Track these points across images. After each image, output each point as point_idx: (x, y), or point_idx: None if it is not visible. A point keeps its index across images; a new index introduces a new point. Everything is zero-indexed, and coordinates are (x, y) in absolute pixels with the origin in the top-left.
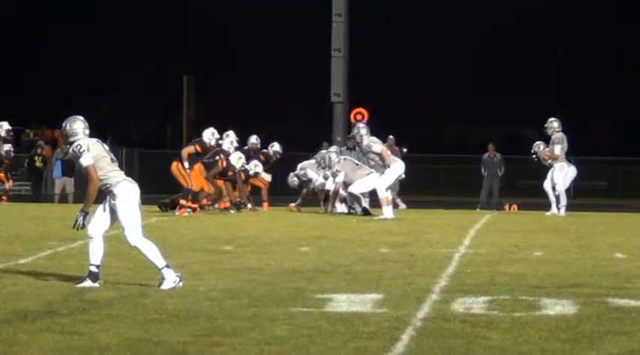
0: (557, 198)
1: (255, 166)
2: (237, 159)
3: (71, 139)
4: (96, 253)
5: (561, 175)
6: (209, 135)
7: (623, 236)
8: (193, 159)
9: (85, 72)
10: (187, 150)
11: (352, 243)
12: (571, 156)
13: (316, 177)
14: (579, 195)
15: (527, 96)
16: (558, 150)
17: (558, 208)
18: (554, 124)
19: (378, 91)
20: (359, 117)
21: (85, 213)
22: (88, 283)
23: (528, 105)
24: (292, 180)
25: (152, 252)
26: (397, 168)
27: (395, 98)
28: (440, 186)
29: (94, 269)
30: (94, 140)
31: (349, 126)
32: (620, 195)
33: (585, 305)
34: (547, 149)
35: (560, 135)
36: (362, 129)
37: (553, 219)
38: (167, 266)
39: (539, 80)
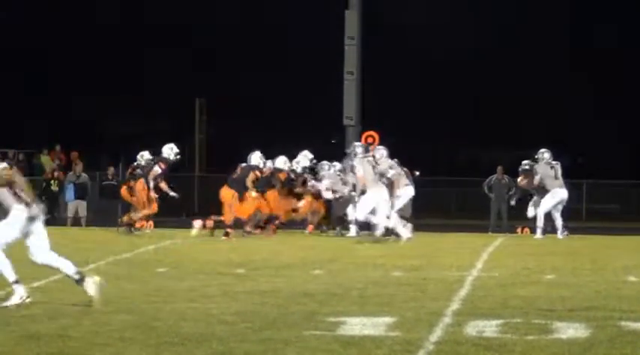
0: (555, 221)
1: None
2: (283, 163)
3: None
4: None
5: (553, 201)
6: (257, 158)
7: (636, 259)
8: (240, 185)
9: (96, 96)
10: (251, 178)
11: (364, 266)
12: (567, 179)
13: (325, 185)
14: (592, 219)
15: (541, 118)
16: (537, 180)
17: (536, 229)
18: (545, 155)
19: (390, 114)
20: (370, 140)
21: None
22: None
23: (543, 127)
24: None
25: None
26: (377, 193)
27: (406, 121)
28: (452, 209)
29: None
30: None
31: None
32: (632, 218)
33: (598, 329)
34: (524, 179)
35: (542, 165)
36: (357, 147)
37: (565, 242)
38: (17, 281)
39: (555, 102)
